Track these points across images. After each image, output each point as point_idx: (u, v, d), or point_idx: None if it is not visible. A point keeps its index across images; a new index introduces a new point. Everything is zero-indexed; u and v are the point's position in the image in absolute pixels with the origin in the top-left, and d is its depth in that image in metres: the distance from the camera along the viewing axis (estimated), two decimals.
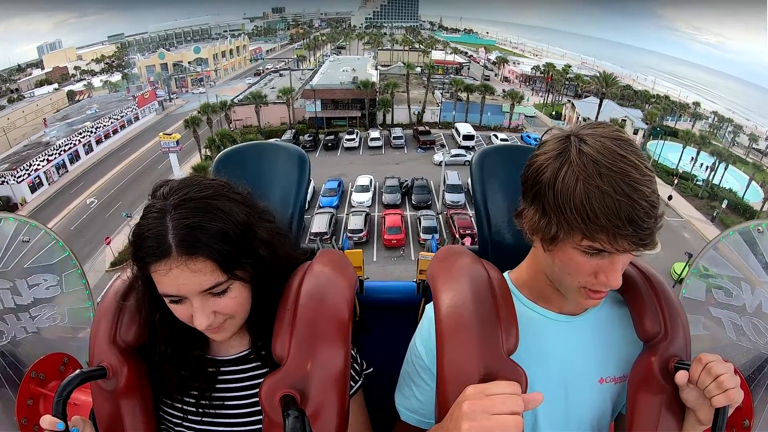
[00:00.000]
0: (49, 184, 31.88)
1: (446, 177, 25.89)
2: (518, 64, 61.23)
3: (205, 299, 0.73)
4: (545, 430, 0.83)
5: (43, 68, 60.19)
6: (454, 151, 30.86)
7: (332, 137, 35.05)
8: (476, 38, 78.56)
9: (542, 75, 52.61)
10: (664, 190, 28.83)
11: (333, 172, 29.14)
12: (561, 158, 0.69)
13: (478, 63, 59.95)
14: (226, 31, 68.26)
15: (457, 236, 21.89)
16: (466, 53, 67.03)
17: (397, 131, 35.78)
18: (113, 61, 64.46)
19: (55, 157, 32.50)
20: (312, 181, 26.24)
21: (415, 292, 1.38)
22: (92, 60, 65.15)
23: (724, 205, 25.86)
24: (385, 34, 69.65)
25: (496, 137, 35.23)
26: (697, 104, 48.66)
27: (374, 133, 35.41)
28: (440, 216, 24.19)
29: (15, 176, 28.08)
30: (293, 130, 35.93)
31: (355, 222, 22.83)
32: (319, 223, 22.26)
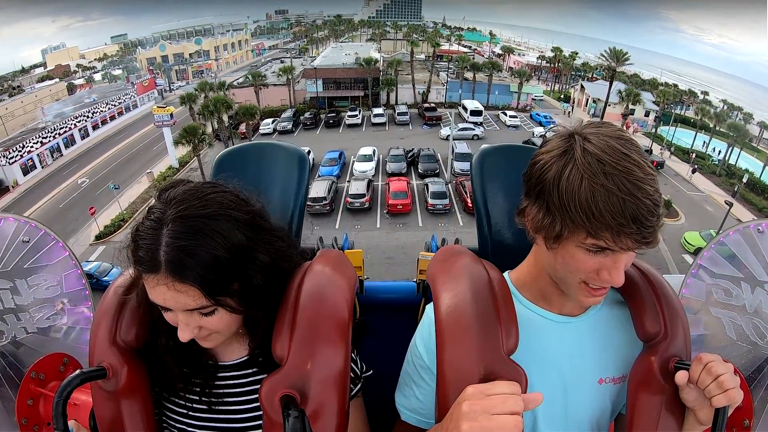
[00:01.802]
0: (42, 167, 31.31)
1: (455, 147, 24.64)
2: (523, 55, 60.50)
3: (190, 315, 0.72)
4: (544, 430, 0.83)
5: (45, 67, 59.94)
6: (461, 125, 29.82)
7: (334, 114, 34.09)
8: (480, 35, 78.05)
9: (548, 65, 51.99)
10: (682, 167, 29.40)
11: (334, 147, 27.96)
12: (565, 157, 0.68)
13: (483, 56, 59.06)
14: (229, 30, 68.09)
15: (469, 201, 20.68)
16: (470, 47, 66.37)
17: (402, 108, 34.92)
18: (116, 60, 64.14)
19: (49, 140, 31.84)
20: (311, 153, 24.98)
21: (415, 292, 1.37)
22: (95, 59, 64.90)
23: (744, 180, 26.11)
24: (388, 32, 69.28)
25: (505, 114, 34.33)
26: (705, 93, 47.81)
27: (377, 110, 34.35)
28: (449, 185, 22.78)
29: (7, 157, 27.28)
30: (293, 109, 34.94)
31: (357, 187, 21.53)
32: (317, 188, 20.93)
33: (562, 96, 44.56)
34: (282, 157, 1.17)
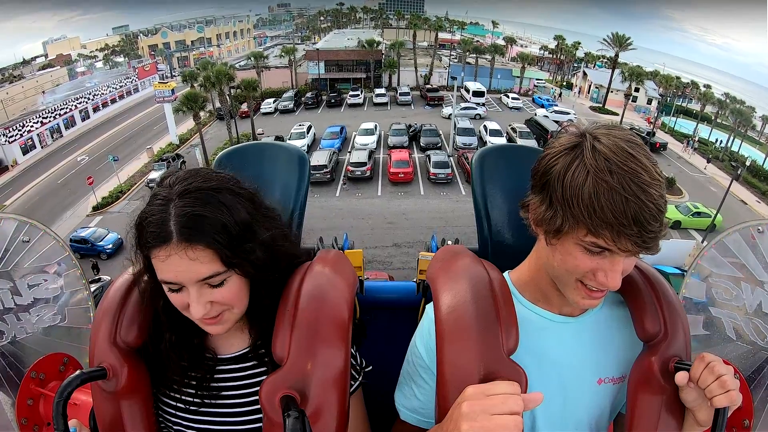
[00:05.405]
0: (42, 147, 31.11)
1: (457, 122, 24.59)
2: (526, 47, 60.55)
3: (201, 288, 0.73)
4: (543, 430, 0.83)
5: (47, 58, 59.65)
6: (463, 105, 29.66)
7: (335, 94, 34.08)
8: (483, 29, 78.02)
9: (551, 56, 52.00)
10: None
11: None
12: (573, 152, 0.69)
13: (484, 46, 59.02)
14: (232, 19, 68.01)
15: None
16: (472, 39, 66.40)
17: (404, 89, 35.03)
18: (117, 49, 63.87)
19: (50, 120, 31.65)
20: (312, 128, 24.77)
21: (415, 292, 1.37)
22: (96, 49, 64.59)
23: (748, 163, 26.61)
24: (391, 24, 69.29)
25: (507, 97, 34.41)
26: (708, 86, 47.77)
27: (380, 90, 34.32)
28: (451, 158, 22.64)
29: (7, 136, 27.18)
30: (295, 90, 34.93)
31: (358, 156, 21.39)
32: (318, 157, 20.87)
33: (564, 84, 44.56)
34: (282, 157, 1.17)
